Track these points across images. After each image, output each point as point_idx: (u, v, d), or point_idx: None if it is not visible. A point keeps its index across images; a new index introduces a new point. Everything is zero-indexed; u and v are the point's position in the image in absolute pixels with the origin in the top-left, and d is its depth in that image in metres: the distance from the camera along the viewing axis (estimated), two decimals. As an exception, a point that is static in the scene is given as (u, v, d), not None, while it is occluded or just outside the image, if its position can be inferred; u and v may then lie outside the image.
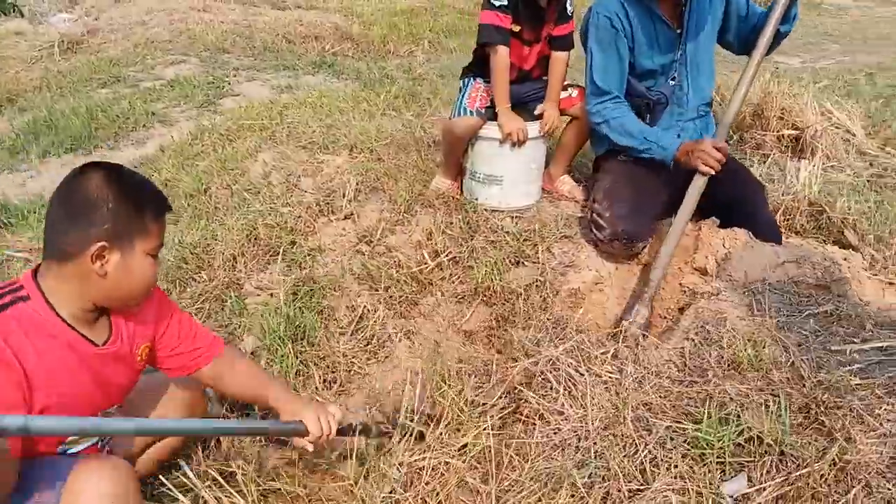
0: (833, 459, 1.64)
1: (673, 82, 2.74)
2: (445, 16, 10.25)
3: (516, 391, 2.11)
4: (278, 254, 2.95)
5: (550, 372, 2.08)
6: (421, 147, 3.60)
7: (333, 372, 2.43)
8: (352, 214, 3.11)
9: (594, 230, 2.61)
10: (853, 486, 1.62)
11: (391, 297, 2.68)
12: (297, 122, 4.21)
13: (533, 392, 2.06)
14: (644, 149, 2.62)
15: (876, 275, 2.65)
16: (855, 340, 2.06)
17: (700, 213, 2.65)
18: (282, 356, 2.41)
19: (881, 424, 1.72)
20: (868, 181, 3.70)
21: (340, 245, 2.96)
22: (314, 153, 3.76)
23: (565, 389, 2.06)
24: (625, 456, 1.84)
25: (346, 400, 2.41)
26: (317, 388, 2.37)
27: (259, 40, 7.99)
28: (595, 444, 1.90)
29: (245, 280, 2.96)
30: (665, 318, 2.57)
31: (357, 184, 3.25)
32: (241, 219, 3.22)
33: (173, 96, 5.92)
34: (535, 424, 2.00)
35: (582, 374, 2.08)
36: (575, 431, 1.97)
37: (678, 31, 2.65)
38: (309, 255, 2.91)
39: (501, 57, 2.77)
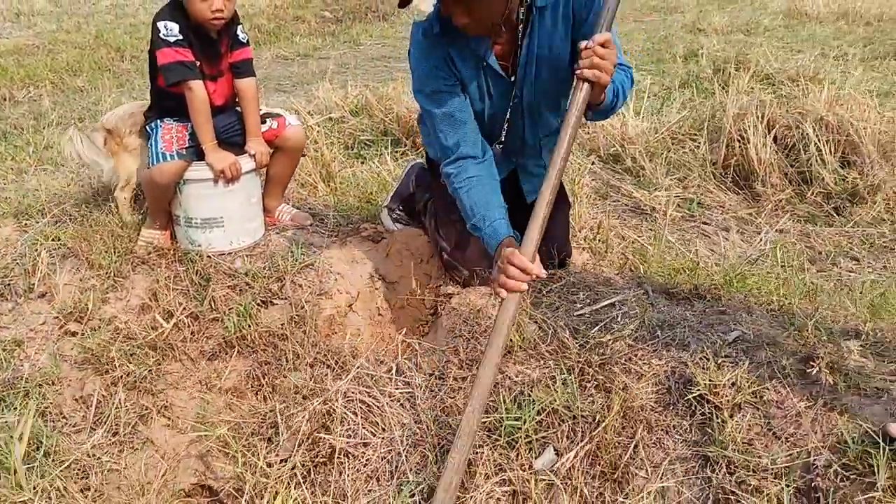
0: (618, 408, 1.86)
1: (505, 128, 2.34)
2: (63, 52, 9.09)
3: (313, 435, 1.99)
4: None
5: (345, 405, 2.01)
6: (111, 199, 3.15)
7: (85, 478, 2.03)
8: (46, 293, 2.61)
9: (451, 271, 2.56)
10: (637, 427, 1.86)
11: (128, 374, 2.32)
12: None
13: (332, 431, 1.97)
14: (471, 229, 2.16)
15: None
16: (590, 303, 2.36)
17: None
18: (13, 487, 1.93)
19: (640, 367, 2.00)
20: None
21: (43, 331, 2.48)
22: (-38, 230, 3.08)
23: (363, 418, 2.01)
24: (439, 465, 1.86)
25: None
26: (66, 505, 1.96)
27: None
28: (407, 461, 1.90)
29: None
30: (422, 321, 2.66)
31: (40, 255, 2.74)
32: None
33: None
34: (342, 463, 1.92)
35: (375, 398, 2.04)
36: (384, 457, 1.94)
37: (511, 77, 2.19)
38: (5, 350, 2.38)
39: (198, 93, 2.56)
